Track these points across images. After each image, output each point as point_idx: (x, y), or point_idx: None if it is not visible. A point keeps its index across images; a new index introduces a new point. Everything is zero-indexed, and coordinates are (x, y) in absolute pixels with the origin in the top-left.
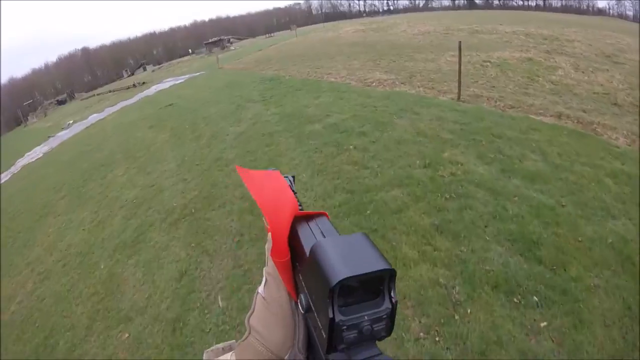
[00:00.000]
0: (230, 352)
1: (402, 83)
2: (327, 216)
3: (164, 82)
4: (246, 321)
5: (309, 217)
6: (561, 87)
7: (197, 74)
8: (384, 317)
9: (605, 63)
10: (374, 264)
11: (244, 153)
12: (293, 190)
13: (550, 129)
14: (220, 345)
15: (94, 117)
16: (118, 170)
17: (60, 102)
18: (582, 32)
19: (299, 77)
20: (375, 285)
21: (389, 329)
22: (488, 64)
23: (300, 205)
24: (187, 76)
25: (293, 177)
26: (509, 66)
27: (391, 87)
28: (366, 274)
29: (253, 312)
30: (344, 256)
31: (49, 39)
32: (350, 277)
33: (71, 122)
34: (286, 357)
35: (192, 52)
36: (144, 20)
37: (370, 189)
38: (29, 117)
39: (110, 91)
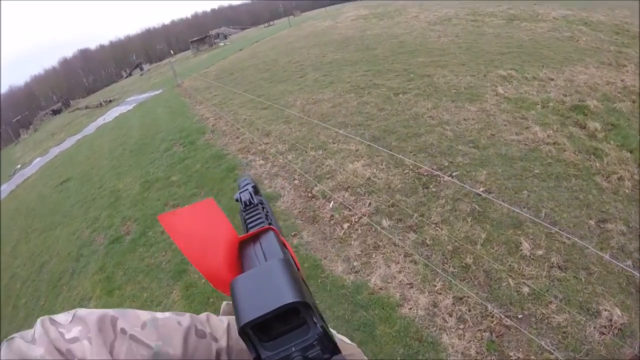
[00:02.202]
0: None
1: (398, 222)
2: (274, 231)
3: (124, 103)
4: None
5: (255, 237)
6: None
7: (153, 93)
8: (314, 343)
9: None
10: (281, 299)
11: None
12: (252, 202)
13: None
14: None
15: (34, 165)
16: None
17: (56, 112)
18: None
19: (219, 142)
20: (293, 317)
21: (330, 349)
22: (589, 123)
23: (262, 220)
24: (146, 95)
25: (254, 186)
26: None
27: (366, 249)
28: (274, 310)
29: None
30: (252, 295)
31: (48, 43)
32: (256, 318)
33: (19, 167)
34: None
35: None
36: (145, 16)
37: None
38: (20, 133)
39: (86, 107)
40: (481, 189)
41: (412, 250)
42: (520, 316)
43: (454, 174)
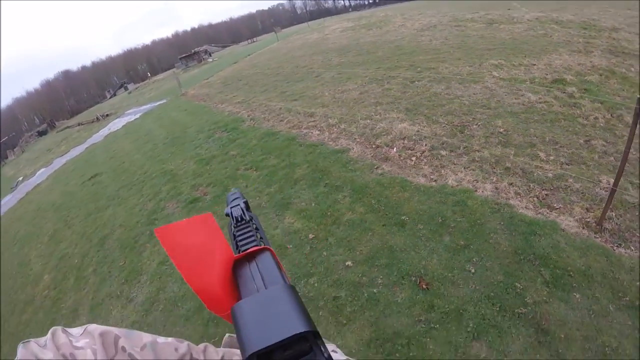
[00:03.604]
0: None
1: (452, 152)
2: (270, 251)
3: (124, 115)
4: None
5: (250, 257)
6: None
7: (157, 103)
8: None
9: None
10: (290, 328)
11: None
12: (244, 219)
13: None
14: None
15: (40, 174)
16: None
17: (41, 133)
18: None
19: (265, 123)
20: (300, 346)
21: None
22: (567, 88)
23: (254, 237)
24: (149, 106)
25: (246, 202)
26: (602, 93)
27: (436, 168)
28: (285, 339)
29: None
30: (258, 322)
31: (29, 64)
32: (264, 348)
33: (21, 178)
34: None
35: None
36: (128, 33)
37: None
38: (7, 155)
39: (79, 124)
40: (501, 130)
41: (469, 165)
42: (551, 188)
43: (478, 123)
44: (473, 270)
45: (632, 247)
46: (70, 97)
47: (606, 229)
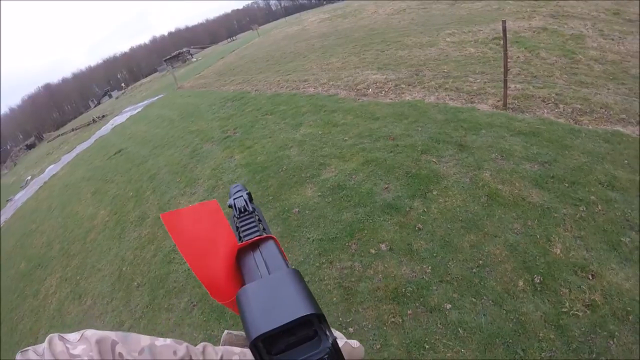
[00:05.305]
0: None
1: (409, 85)
2: (274, 239)
3: (123, 113)
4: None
5: (254, 245)
6: (612, 68)
7: (155, 98)
8: (325, 357)
9: (622, 23)
10: (295, 311)
11: None
12: (247, 210)
13: None
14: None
15: (50, 170)
16: (51, 279)
17: (30, 147)
18: None
19: (269, 90)
20: (305, 330)
21: None
22: (502, 41)
23: (257, 228)
24: (145, 102)
25: (249, 193)
26: (530, 43)
27: (398, 94)
28: (290, 322)
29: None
30: (263, 306)
31: (8, 80)
32: (270, 331)
33: (29, 177)
34: None
35: (156, 70)
36: (103, 43)
37: None
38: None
39: (73, 129)
40: (445, 70)
41: (421, 90)
42: (475, 94)
43: (429, 68)
44: (420, 129)
45: (527, 114)
46: (54, 110)
47: (510, 108)
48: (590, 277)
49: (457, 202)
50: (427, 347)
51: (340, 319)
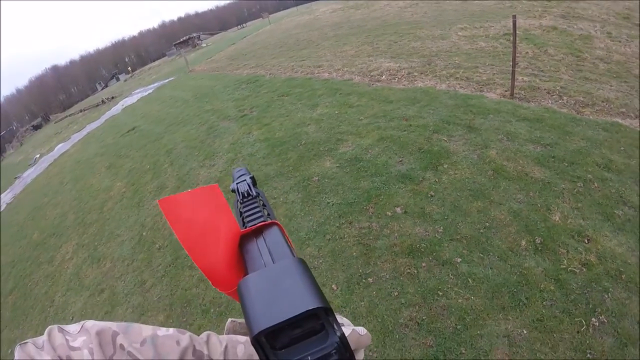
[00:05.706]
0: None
1: (422, 73)
2: (278, 226)
3: (133, 94)
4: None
5: (258, 231)
6: (617, 67)
7: (166, 80)
8: (332, 352)
9: (631, 27)
10: (300, 305)
11: None
12: (250, 194)
13: None
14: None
15: (59, 149)
16: (67, 246)
17: (36, 127)
18: None
19: (283, 74)
20: (312, 323)
21: (348, 358)
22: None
23: (261, 213)
24: (156, 84)
25: (252, 177)
26: (539, 40)
27: (410, 81)
28: (295, 317)
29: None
30: (266, 298)
31: (16, 62)
32: (273, 325)
33: (38, 156)
34: None
35: (165, 55)
36: (111, 29)
37: None
38: (6, 148)
39: (81, 110)
40: (457, 61)
41: (433, 78)
42: (484, 84)
43: (441, 59)
44: (431, 112)
45: (533, 103)
46: (61, 92)
47: (516, 97)
48: (586, 241)
49: (466, 175)
50: (440, 294)
51: (360, 270)
